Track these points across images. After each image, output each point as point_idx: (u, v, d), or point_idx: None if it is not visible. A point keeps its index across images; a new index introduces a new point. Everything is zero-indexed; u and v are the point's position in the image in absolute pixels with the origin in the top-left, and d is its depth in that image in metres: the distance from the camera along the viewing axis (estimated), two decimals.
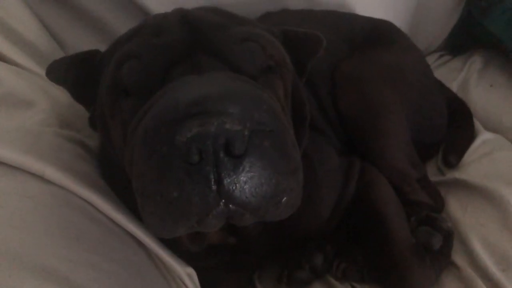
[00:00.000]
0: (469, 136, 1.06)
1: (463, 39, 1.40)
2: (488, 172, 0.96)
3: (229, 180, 0.41)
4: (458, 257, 0.82)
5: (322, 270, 0.82)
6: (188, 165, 0.41)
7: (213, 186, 0.41)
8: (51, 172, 0.61)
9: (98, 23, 0.99)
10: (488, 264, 0.79)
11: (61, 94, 0.82)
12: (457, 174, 0.98)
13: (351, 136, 0.92)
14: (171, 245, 0.69)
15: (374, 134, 0.89)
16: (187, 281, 0.69)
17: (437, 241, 0.80)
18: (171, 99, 0.44)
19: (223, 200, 0.42)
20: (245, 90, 0.46)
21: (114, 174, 0.68)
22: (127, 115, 0.53)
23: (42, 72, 0.84)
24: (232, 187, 0.41)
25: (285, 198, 0.45)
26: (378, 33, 1.07)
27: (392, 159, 0.89)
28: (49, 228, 0.55)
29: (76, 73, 0.65)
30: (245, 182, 0.41)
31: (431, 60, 1.40)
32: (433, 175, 1.02)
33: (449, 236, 0.82)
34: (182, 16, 0.55)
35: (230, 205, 0.42)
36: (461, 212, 0.90)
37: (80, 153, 0.70)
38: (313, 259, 0.81)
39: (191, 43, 0.52)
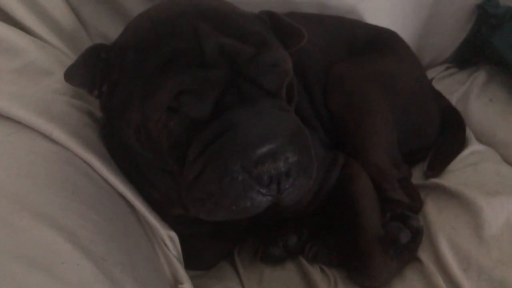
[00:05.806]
0: (457, 148, 1.10)
1: (471, 54, 1.43)
2: (468, 181, 1.00)
3: (285, 191, 0.61)
4: (424, 254, 0.87)
5: (294, 249, 0.88)
6: (260, 186, 0.58)
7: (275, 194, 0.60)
8: (58, 134, 0.68)
9: (120, 8, 1.07)
10: (450, 262, 0.84)
11: None
12: (438, 180, 1.02)
13: (339, 133, 0.98)
14: (158, 210, 0.76)
15: (358, 132, 0.95)
16: (168, 242, 0.76)
17: (405, 237, 0.84)
18: (242, 136, 0.57)
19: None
20: (292, 126, 0.61)
21: (115, 145, 0.75)
22: (175, 127, 0.62)
23: (63, 47, 0.93)
24: (284, 193, 0.61)
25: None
26: (378, 40, 1.11)
27: (373, 157, 0.94)
28: (50, 180, 0.63)
29: (92, 71, 0.68)
30: (292, 191, 0.62)
31: (437, 71, 1.43)
32: (417, 179, 1.06)
33: (418, 233, 0.87)
34: (219, 47, 0.61)
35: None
36: (436, 214, 0.95)
37: (87, 121, 0.77)
38: (288, 238, 0.88)
39: (233, 74, 0.61)
